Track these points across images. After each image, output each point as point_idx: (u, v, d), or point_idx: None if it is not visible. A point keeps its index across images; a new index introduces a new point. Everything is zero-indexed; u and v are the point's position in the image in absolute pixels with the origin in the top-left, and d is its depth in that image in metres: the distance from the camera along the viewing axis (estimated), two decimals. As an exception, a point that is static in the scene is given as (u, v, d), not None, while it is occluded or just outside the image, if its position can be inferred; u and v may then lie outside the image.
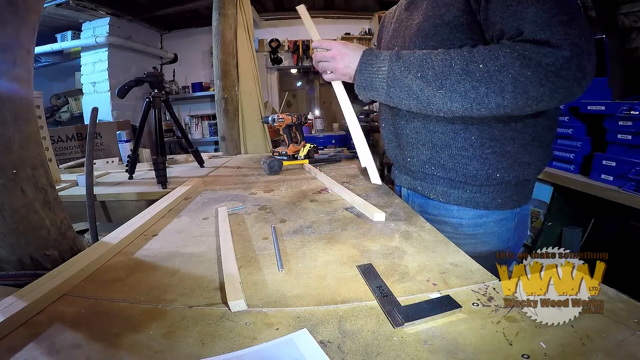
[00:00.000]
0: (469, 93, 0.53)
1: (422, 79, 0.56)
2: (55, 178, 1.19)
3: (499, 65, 0.51)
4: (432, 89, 0.55)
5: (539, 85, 0.49)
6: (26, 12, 0.52)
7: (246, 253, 0.52)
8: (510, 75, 0.50)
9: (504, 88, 0.51)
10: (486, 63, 0.52)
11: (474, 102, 0.53)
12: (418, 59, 0.58)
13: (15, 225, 0.51)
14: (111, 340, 0.33)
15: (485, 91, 0.52)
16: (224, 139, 1.91)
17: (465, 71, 0.53)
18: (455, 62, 0.54)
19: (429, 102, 0.57)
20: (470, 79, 0.53)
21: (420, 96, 0.57)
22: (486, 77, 0.52)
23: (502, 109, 0.53)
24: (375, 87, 0.61)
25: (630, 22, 1.60)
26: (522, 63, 0.50)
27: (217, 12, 1.83)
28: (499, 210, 0.67)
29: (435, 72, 0.55)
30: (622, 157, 1.23)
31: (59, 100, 3.41)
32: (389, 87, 0.59)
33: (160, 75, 1.20)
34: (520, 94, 0.51)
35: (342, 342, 0.31)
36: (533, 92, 0.50)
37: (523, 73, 0.49)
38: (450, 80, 0.54)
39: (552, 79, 0.49)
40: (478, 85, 0.52)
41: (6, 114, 0.50)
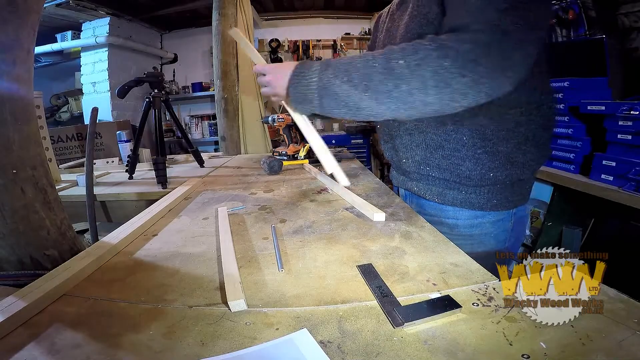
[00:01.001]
0: (393, 92, 0.50)
1: (349, 83, 0.53)
2: (55, 178, 1.19)
3: (419, 58, 0.48)
4: (359, 93, 0.52)
5: (460, 76, 0.46)
6: (26, 12, 0.52)
7: (246, 253, 0.52)
8: (430, 67, 0.47)
9: (425, 83, 0.48)
10: (406, 58, 0.49)
11: (399, 102, 0.51)
12: (345, 64, 0.55)
13: (15, 225, 0.51)
14: (111, 340, 0.33)
15: (407, 88, 0.49)
16: (224, 139, 1.91)
17: (387, 69, 0.50)
18: (377, 61, 0.52)
19: (357, 107, 0.54)
20: (392, 77, 0.50)
21: (348, 102, 0.54)
22: (406, 73, 0.49)
23: (430, 107, 0.50)
24: (308, 99, 0.58)
25: (630, 22, 1.60)
26: (440, 53, 0.47)
27: (217, 12, 1.83)
28: (495, 211, 0.67)
29: (359, 75, 0.53)
30: (622, 157, 1.23)
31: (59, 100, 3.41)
32: (320, 98, 0.56)
33: (160, 75, 1.20)
34: (443, 88, 0.48)
35: (342, 342, 0.31)
36: (456, 85, 0.47)
37: (441, 64, 0.46)
38: (373, 82, 0.51)
39: (472, 67, 0.45)
40: (400, 82, 0.49)
41: (6, 114, 0.50)
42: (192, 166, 1.45)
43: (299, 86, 0.59)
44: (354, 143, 3.36)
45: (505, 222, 0.68)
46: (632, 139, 1.20)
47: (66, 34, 2.99)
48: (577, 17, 1.74)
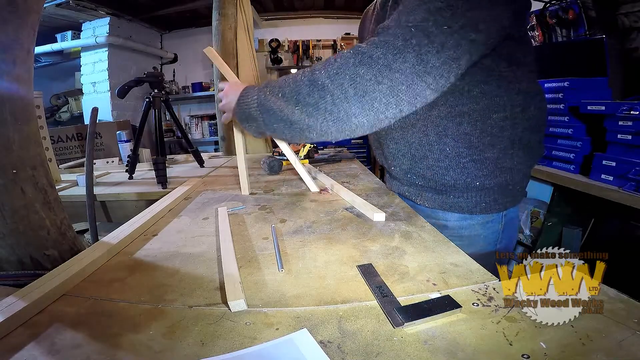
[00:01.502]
0: (319, 103, 0.49)
1: (282, 98, 0.53)
2: (55, 178, 1.19)
3: (337, 67, 0.47)
4: (291, 107, 0.52)
5: (376, 83, 0.44)
6: (26, 12, 0.52)
7: (246, 253, 0.52)
8: (347, 75, 0.46)
9: (346, 92, 0.46)
10: (327, 68, 0.48)
11: (327, 113, 0.49)
12: (281, 81, 0.55)
13: (15, 225, 0.51)
14: (111, 340, 0.33)
15: (330, 99, 0.48)
16: (224, 139, 1.91)
17: (311, 81, 0.49)
18: (305, 74, 0.52)
19: (291, 122, 0.53)
20: (316, 88, 0.49)
21: (282, 117, 0.54)
22: (328, 83, 0.47)
23: (356, 119, 0.48)
24: (252, 116, 0.58)
25: (630, 22, 1.60)
26: (355, 60, 0.45)
27: (217, 12, 1.83)
28: (484, 213, 0.67)
29: (290, 89, 0.52)
30: (622, 157, 1.23)
31: (59, 100, 3.41)
32: (262, 114, 0.56)
33: (160, 75, 1.20)
34: (362, 97, 0.46)
35: (342, 342, 0.31)
36: (373, 92, 0.45)
37: (357, 71, 0.45)
38: (301, 94, 0.50)
39: (387, 73, 0.43)
40: (324, 93, 0.48)
41: (6, 114, 0.50)
42: (192, 166, 1.45)
43: (243, 105, 0.60)
44: (354, 143, 3.37)
45: (495, 224, 0.68)
46: (632, 139, 1.20)
47: (66, 34, 2.99)
48: (577, 17, 1.74)
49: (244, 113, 0.60)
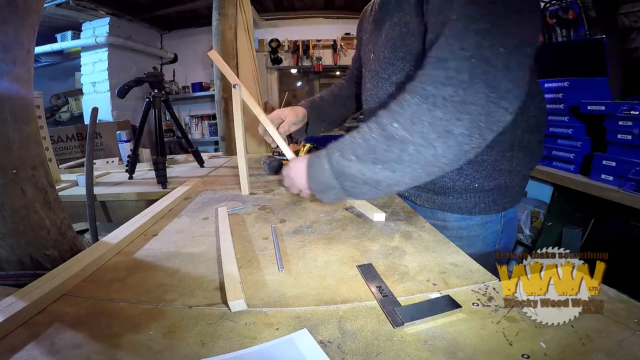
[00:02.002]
0: (402, 156, 0.47)
1: (358, 161, 0.50)
2: (55, 178, 1.19)
3: (410, 116, 0.45)
4: (370, 168, 0.49)
5: (457, 121, 0.43)
6: (26, 12, 0.52)
7: (246, 253, 0.52)
8: (426, 122, 0.44)
9: (428, 138, 0.45)
10: (398, 120, 0.46)
11: (413, 163, 0.47)
12: (347, 142, 0.52)
13: (15, 225, 0.51)
14: (111, 340, 0.33)
15: (414, 149, 0.46)
16: (224, 139, 1.91)
17: (386, 137, 0.47)
18: (373, 132, 0.49)
19: (377, 183, 0.50)
20: (395, 143, 0.46)
21: (367, 180, 0.50)
22: (406, 135, 0.46)
23: (444, 158, 0.46)
24: (330, 186, 0.54)
25: (630, 22, 1.60)
26: (428, 105, 0.44)
27: (217, 12, 1.83)
28: (483, 214, 0.67)
29: (363, 149, 0.49)
30: (622, 157, 1.23)
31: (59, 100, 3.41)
32: (341, 183, 0.53)
33: (160, 75, 1.20)
34: (447, 137, 0.44)
35: (342, 342, 0.31)
36: (457, 130, 0.44)
37: (435, 116, 0.43)
38: (379, 152, 0.48)
39: (464, 109, 0.42)
40: (404, 146, 0.46)
41: (6, 114, 0.50)
42: (192, 166, 1.45)
43: (316, 178, 0.56)
44: (354, 143, 3.35)
45: (494, 224, 0.68)
46: (632, 139, 1.20)
47: (66, 34, 2.99)
48: (577, 17, 1.74)
49: (320, 184, 0.55)
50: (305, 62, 3.81)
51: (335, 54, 3.75)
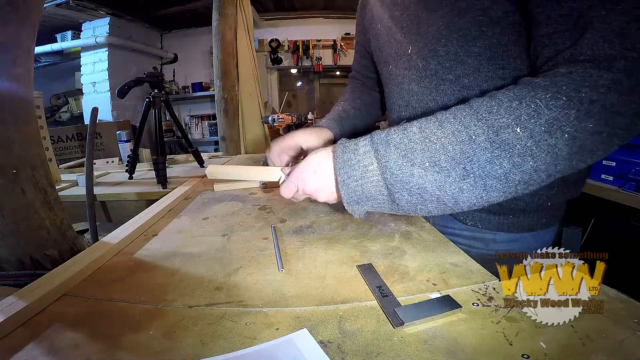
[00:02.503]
0: (511, 175, 0.35)
1: (435, 168, 0.37)
2: (55, 178, 1.19)
3: (545, 122, 0.34)
4: (455, 180, 0.37)
5: (597, 134, 0.34)
6: (27, 12, 0.52)
7: (246, 253, 0.52)
8: (567, 134, 0.33)
9: (557, 154, 0.34)
10: (524, 124, 0.34)
11: (520, 184, 0.36)
12: (417, 140, 0.38)
13: (15, 225, 0.51)
14: (111, 340, 0.33)
15: (533, 165, 0.35)
16: (224, 139, 1.92)
17: (497, 144, 0.35)
18: (474, 131, 0.36)
19: (455, 201, 0.38)
20: (507, 155, 0.35)
21: (441, 197, 0.38)
22: (531, 146, 0.34)
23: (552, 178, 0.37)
24: (371, 196, 0.41)
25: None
26: (579, 113, 0.33)
27: (217, 12, 1.83)
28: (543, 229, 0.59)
29: (449, 156, 0.37)
30: (622, 157, 1.23)
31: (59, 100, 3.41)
32: (391, 193, 0.40)
33: (160, 75, 1.20)
34: (576, 153, 0.34)
35: (342, 342, 0.31)
36: (590, 145, 0.34)
37: (583, 127, 0.33)
38: (477, 163, 0.36)
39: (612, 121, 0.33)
40: (521, 161, 0.35)
41: (6, 114, 0.50)
42: (192, 166, 1.45)
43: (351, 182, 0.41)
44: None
45: (550, 234, 0.60)
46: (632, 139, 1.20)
47: (66, 34, 3.00)
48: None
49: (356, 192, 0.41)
50: (305, 62, 3.82)
51: (335, 54, 3.75)
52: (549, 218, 0.59)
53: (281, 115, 1.34)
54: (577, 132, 0.33)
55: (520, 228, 0.58)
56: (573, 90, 0.33)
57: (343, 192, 0.42)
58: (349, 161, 0.42)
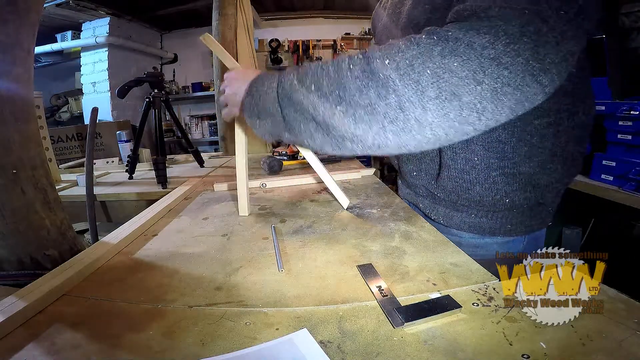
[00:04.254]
0: (377, 106, 0.36)
1: (317, 91, 0.40)
2: (55, 178, 1.19)
3: (411, 56, 0.34)
4: (329, 105, 0.39)
5: (475, 84, 0.33)
6: (26, 12, 0.52)
7: (246, 253, 0.52)
8: (429, 70, 0.33)
9: (423, 92, 0.34)
10: (392, 57, 0.35)
11: (387, 120, 0.36)
12: (314, 68, 0.42)
13: (15, 225, 0.51)
14: (111, 340, 0.33)
15: (396, 101, 0.35)
16: (224, 139, 1.91)
17: (367, 73, 0.36)
18: (354, 62, 0.38)
19: (328, 125, 0.40)
20: (374, 85, 0.36)
21: (316, 116, 0.40)
22: (394, 78, 0.35)
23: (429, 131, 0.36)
24: (269, 111, 0.44)
25: (630, 22, 1.60)
26: (443, 49, 0.33)
27: (217, 12, 1.83)
28: (507, 236, 0.58)
29: (330, 80, 0.39)
30: (622, 157, 1.23)
31: (59, 100, 3.41)
32: (283, 109, 0.43)
33: (160, 75, 1.20)
34: (448, 101, 0.34)
35: (342, 342, 0.31)
36: (467, 96, 0.33)
37: (446, 65, 0.33)
38: (349, 90, 0.37)
39: (492, 70, 0.32)
40: (386, 92, 0.35)
41: (6, 114, 0.50)
42: (192, 166, 1.45)
43: (256, 94, 0.46)
44: (354, 143, 3.35)
45: (517, 244, 0.58)
46: (632, 139, 1.20)
47: (66, 34, 3.00)
48: (577, 17, 1.74)
49: (256, 106, 0.46)
50: (305, 62, 3.81)
51: (335, 54, 3.75)
52: (515, 224, 0.56)
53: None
54: (443, 70, 0.33)
55: (482, 230, 0.58)
56: (443, 32, 0.34)
57: (247, 101, 0.48)
58: (262, 79, 0.48)
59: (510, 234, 0.58)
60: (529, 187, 0.54)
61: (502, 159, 0.52)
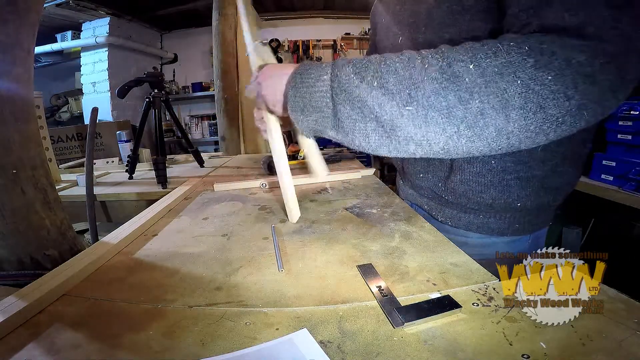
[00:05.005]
0: (455, 110, 0.35)
1: (381, 88, 0.37)
2: (55, 178, 1.19)
3: (501, 64, 0.33)
4: (397, 104, 0.37)
5: (564, 98, 0.32)
6: (26, 12, 0.52)
7: (246, 253, 0.52)
8: (520, 80, 0.33)
9: (508, 101, 0.33)
10: (479, 61, 0.34)
11: (463, 125, 0.35)
12: (374, 61, 0.39)
13: (15, 225, 0.51)
14: (111, 340, 0.33)
15: (479, 106, 0.34)
16: (224, 139, 1.91)
17: (447, 76, 0.35)
18: (429, 61, 0.36)
19: (393, 125, 0.38)
20: (455, 88, 0.34)
21: (380, 115, 0.38)
22: (480, 84, 0.34)
23: (504, 138, 0.35)
24: (316, 105, 0.41)
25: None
26: (537, 61, 0.32)
27: (217, 12, 1.83)
28: (514, 235, 0.58)
29: (399, 78, 0.37)
30: (622, 157, 1.23)
31: (59, 100, 3.41)
32: (335, 104, 0.40)
33: (160, 75, 1.20)
34: (533, 112, 0.33)
35: (342, 342, 0.31)
36: (553, 110, 0.33)
37: (539, 77, 0.32)
38: (423, 90, 0.36)
39: (584, 87, 0.32)
40: (469, 96, 0.34)
41: (6, 114, 0.50)
42: (192, 166, 1.45)
43: (302, 87, 0.42)
44: (354, 143, 3.35)
45: (523, 243, 0.59)
46: (632, 139, 1.20)
47: (66, 34, 3.00)
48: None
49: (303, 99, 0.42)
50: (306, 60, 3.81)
51: (335, 54, 3.75)
52: (522, 224, 0.57)
53: (281, 115, 1.33)
54: (532, 80, 0.32)
55: (490, 230, 0.58)
56: (537, 43, 0.33)
57: (290, 94, 0.43)
58: (307, 70, 0.43)
59: (518, 234, 0.58)
60: (541, 191, 0.54)
61: (518, 162, 0.52)
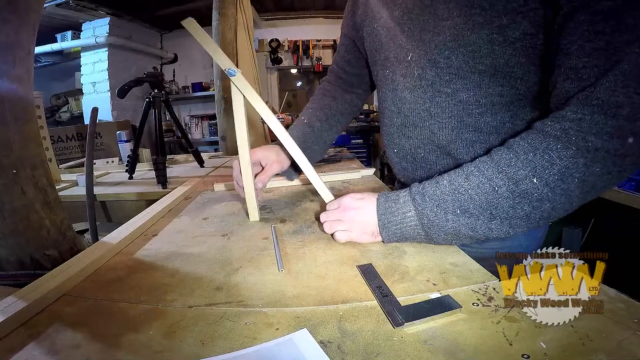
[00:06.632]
0: (532, 215, 0.41)
1: (465, 215, 0.44)
2: (55, 178, 1.19)
3: (558, 172, 0.38)
4: (483, 223, 0.43)
5: (608, 175, 0.38)
6: (26, 12, 0.52)
7: (246, 253, 0.52)
8: (576, 180, 0.38)
9: (570, 195, 0.39)
10: (540, 174, 0.39)
11: (541, 219, 0.42)
12: (447, 192, 0.45)
13: (15, 225, 0.51)
14: (111, 340, 0.33)
15: (550, 206, 0.40)
16: (224, 139, 1.92)
17: (517, 194, 0.41)
18: (496, 183, 0.42)
19: (487, 235, 0.44)
20: (527, 201, 0.41)
21: (473, 235, 0.45)
22: (546, 193, 0.39)
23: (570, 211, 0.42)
24: (410, 236, 0.49)
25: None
26: (587, 160, 0.37)
27: (217, 12, 1.83)
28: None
29: (477, 204, 0.43)
30: (622, 157, 1.23)
31: (59, 100, 3.41)
32: (428, 234, 0.47)
33: (160, 75, 1.20)
34: (589, 193, 0.40)
35: (342, 342, 0.31)
36: (600, 184, 0.39)
37: (591, 171, 0.38)
38: (501, 209, 0.42)
39: (620, 162, 0.37)
40: (540, 204, 0.40)
41: (6, 114, 0.50)
42: (192, 166, 1.45)
43: (392, 226, 0.49)
44: (354, 143, 3.37)
45: (540, 231, 0.62)
46: (632, 139, 1.20)
47: (66, 34, 3.00)
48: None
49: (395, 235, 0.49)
50: (305, 62, 3.82)
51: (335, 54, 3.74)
52: None
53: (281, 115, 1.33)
54: (586, 176, 0.38)
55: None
56: (581, 140, 0.37)
57: (384, 234, 0.50)
58: (390, 208, 0.49)
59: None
60: None
61: None
